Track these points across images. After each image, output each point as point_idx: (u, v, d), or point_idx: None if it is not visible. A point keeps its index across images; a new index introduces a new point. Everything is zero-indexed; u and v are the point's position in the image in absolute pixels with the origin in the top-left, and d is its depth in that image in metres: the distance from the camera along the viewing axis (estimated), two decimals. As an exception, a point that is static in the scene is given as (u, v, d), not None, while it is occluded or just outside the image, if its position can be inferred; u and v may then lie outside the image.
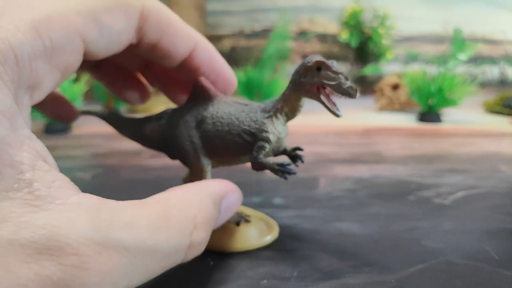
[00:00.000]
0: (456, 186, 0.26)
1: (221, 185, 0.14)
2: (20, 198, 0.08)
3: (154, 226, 0.10)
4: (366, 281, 0.14)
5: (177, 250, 0.10)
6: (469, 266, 0.15)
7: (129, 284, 0.09)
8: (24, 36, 0.09)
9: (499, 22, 1.04)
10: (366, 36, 0.97)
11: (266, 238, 0.17)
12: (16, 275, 0.07)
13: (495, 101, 0.66)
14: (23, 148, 0.09)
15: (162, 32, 0.14)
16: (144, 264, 0.09)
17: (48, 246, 0.08)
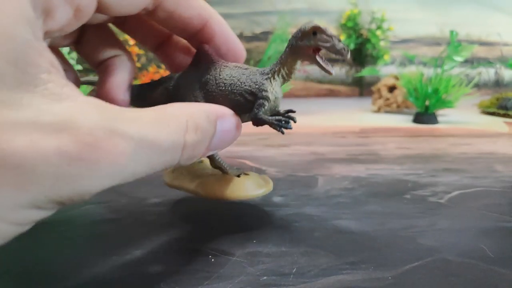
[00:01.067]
0: (452, 185, 0.26)
1: (216, 107, 0.15)
2: (38, 92, 0.09)
3: (154, 123, 0.11)
4: (363, 277, 0.14)
5: (174, 146, 0.12)
6: (465, 263, 0.15)
7: (134, 171, 0.11)
8: None
9: (495, 25, 1.05)
10: (364, 38, 0.98)
11: (262, 190, 0.19)
12: (41, 148, 0.09)
13: (491, 102, 0.67)
14: (42, 55, 0.10)
15: (178, 2, 0.14)
16: (147, 155, 0.11)
17: (66, 127, 0.09)
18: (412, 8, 1.04)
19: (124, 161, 0.10)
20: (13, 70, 0.09)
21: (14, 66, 0.09)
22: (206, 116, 0.13)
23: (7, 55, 0.09)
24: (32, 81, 0.09)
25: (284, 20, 0.82)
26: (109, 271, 0.15)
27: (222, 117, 0.14)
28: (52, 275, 0.15)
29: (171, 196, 0.23)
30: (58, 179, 0.09)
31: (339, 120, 0.59)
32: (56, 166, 0.09)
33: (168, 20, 0.15)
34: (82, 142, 0.09)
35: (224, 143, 0.15)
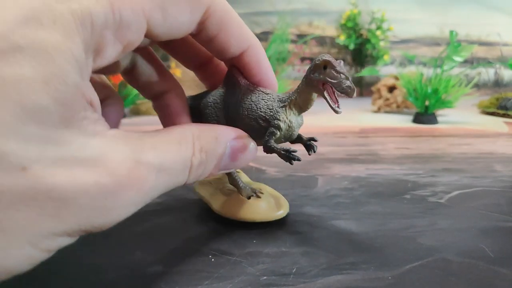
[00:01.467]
0: (451, 185, 0.26)
1: (229, 129, 0.15)
2: (76, 128, 0.10)
3: (169, 146, 0.12)
4: (363, 277, 0.14)
5: (183, 169, 0.13)
6: (465, 263, 0.15)
7: (154, 195, 0.12)
8: (101, 8, 0.11)
9: (495, 25, 1.05)
10: (364, 38, 0.98)
11: (279, 212, 0.19)
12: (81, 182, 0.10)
13: (490, 102, 0.67)
14: (85, 93, 0.11)
15: (221, 28, 0.15)
16: (164, 180, 0.12)
17: (102, 161, 0.10)
18: (412, 8, 1.04)
19: (147, 189, 0.11)
20: (59, 109, 0.10)
21: (63, 106, 0.10)
22: (215, 138, 0.14)
23: (57, 96, 0.10)
24: (72, 118, 0.10)
25: (284, 20, 0.82)
26: (109, 271, 0.15)
27: (234, 138, 0.15)
28: (52, 275, 0.15)
29: (171, 197, 0.23)
30: (94, 210, 0.10)
31: (339, 120, 0.59)
32: (94, 199, 0.10)
33: (208, 43, 0.16)
34: (116, 175, 0.11)
35: (236, 164, 0.15)
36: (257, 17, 1.01)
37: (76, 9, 0.10)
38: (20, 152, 0.09)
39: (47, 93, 0.09)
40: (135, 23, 0.12)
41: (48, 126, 0.10)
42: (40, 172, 0.09)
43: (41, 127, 0.09)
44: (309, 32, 1.03)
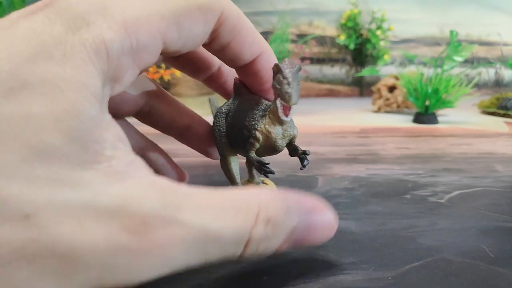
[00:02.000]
0: (452, 185, 0.26)
1: (305, 198, 0.13)
2: (100, 170, 0.09)
3: (221, 212, 0.10)
4: (363, 277, 0.14)
5: (237, 240, 0.10)
6: (465, 263, 0.15)
7: (188, 263, 0.10)
8: (115, 34, 0.10)
9: (495, 24, 1.05)
10: (364, 38, 0.98)
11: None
12: (90, 235, 0.08)
13: (491, 102, 0.67)
14: (108, 129, 0.10)
15: (234, 36, 0.14)
16: (204, 247, 0.10)
17: (119, 213, 0.09)
18: (412, 8, 1.04)
19: (177, 253, 0.09)
20: (76, 148, 0.09)
21: (78, 144, 0.09)
22: (286, 207, 0.11)
23: (70, 133, 0.08)
24: (95, 159, 0.09)
25: (284, 20, 0.82)
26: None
27: (310, 211, 0.12)
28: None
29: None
30: (105, 269, 0.09)
31: (339, 120, 0.58)
32: (104, 256, 0.08)
33: (221, 51, 0.15)
34: (134, 230, 0.09)
35: (314, 240, 0.13)
36: (257, 17, 1.01)
37: (87, 39, 0.09)
38: (24, 197, 0.08)
39: (59, 131, 0.08)
40: (151, 45, 0.11)
41: (60, 167, 0.08)
42: (45, 221, 0.08)
43: (51, 168, 0.08)
44: (309, 32, 1.03)
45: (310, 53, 1.04)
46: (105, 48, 0.10)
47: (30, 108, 0.08)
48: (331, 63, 1.06)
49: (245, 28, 0.14)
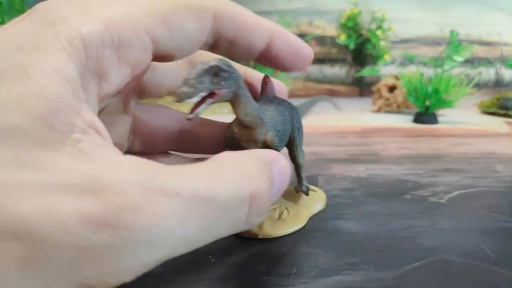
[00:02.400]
0: (452, 185, 0.26)
1: (268, 151, 0.13)
2: (66, 151, 0.08)
3: (207, 176, 0.09)
4: (363, 278, 0.14)
5: (238, 199, 0.09)
6: (465, 264, 0.15)
7: (188, 234, 0.09)
8: (93, 27, 0.10)
9: (495, 24, 1.05)
10: (364, 38, 0.98)
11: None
12: (56, 212, 0.07)
13: (491, 102, 0.67)
14: (80, 114, 0.09)
15: (238, 30, 0.14)
16: (202, 214, 0.09)
17: (90, 188, 0.08)
18: (412, 8, 1.04)
19: (169, 223, 0.08)
20: (40, 127, 0.08)
21: (42, 123, 0.08)
22: (263, 162, 0.11)
23: (34, 112, 0.08)
24: (60, 140, 0.08)
25: (284, 20, 0.82)
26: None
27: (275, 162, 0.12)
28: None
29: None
30: (81, 252, 0.07)
31: (339, 120, 0.58)
32: (76, 235, 0.07)
33: (230, 49, 0.14)
34: (109, 203, 0.08)
35: (281, 189, 0.13)
36: (257, 17, 1.01)
37: (62, 31, 0.09)
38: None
39: (22, 111, 0.08)
40: (136, 40, 0.11)
41: (22, 147, 0.08)
42: (3, 200, 0.07)
43: (12, 148, 0.08)
44: (309, 31, 1.03)
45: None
46: (81, 39, 0.10)
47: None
48: (331, 63, 1.06)
49: (246, 17, 0.14)
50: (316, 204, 0.21)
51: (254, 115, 0.15)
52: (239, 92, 0.14)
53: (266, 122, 0.15)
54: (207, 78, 0.12)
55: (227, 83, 0.13)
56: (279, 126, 0.16)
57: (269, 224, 0.18)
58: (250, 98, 0.15)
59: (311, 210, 0.20)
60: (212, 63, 0.13)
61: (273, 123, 0.16)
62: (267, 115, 0.16)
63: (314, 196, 0.21)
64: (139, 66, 0.12)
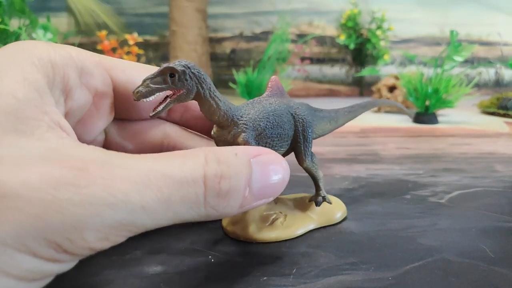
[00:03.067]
0: (452, 185, 0.26)
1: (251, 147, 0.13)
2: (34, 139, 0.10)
3: (163, 158, 0.10)
4: (363, 278, 0.14)
5: (192, 179, 0.10)
6: (465, 264, 0.15)
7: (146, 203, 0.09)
8: (60, 53, 0.13)
9: (495, 24, 1.05)
10: (364, 38, 0.98)
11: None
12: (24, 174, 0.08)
13: (491, 102, 0.67)
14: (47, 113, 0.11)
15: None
16: (157, 186, 0.09)
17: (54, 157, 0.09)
18: (413, 8, 1.04)
19: (126, 190, 0.09)
20: (9, 118, 0.09)
21: (13, 117, 0.10)
22: (233, 154, 0.12)
23: (6, 107, 0.10)
24: (30, 131, 0.10)
25: (284, 20, 0.82)
26: (109, 271, 0.15)
27: (258, 156, 0.12)
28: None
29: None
30: (46, 206, 0.08)
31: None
32: (40, 191, 0.08)
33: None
34: (70, 167, 0.09)
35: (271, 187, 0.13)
36: (257, 17, 1.01)
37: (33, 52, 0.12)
38: None
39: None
40: (97, 71, 0.14)
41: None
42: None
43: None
44: (309, 31, 1.03)
45: (310, 53, 1.04)
46: (49, 59, 0.12)
47: None
48: (331, 63, 1.06)
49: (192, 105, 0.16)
50: (329, 217, 0.19)
51: (223, 116, 0.15)
52: (202, 92, 0.14)
53: (240, 123, 0.15)
54: (163, 79, 0.13)
55: (185, 83, 0.13)
56: (266, 128, 0.16)
57: (256, 227, 0.17)
58: (218, 99, 0.15)
59: (317, 222, 0.18)
60: (166, 64, 0.13)
61: (253, 124, 0.15)
62: (246, 117, 0.15)
63: (329, 208, 0.19)
64: (101, 95, 0.14)
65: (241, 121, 0.15)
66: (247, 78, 0.70)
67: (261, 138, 0.16)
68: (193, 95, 0.14)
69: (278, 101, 0.17)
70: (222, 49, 1.04)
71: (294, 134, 0.17)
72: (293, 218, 0.18)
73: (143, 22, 1.03)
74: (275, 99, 0.17)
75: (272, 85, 0.18)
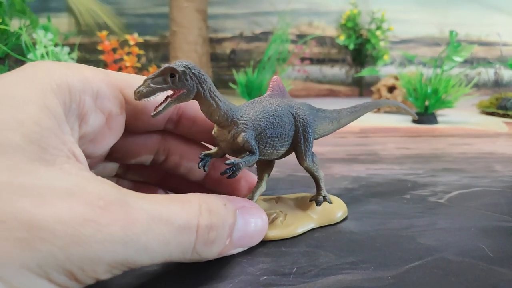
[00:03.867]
0: (451, 185, 0.26)
1: (237, 198, 0.15)
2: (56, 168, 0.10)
3: (167, 202, 0.12)
4: (363, 277, 0.14)
5: (188, 227, 0.12)
6: (464, 263, 0.15)
7: (148, 246, 0.11)
8: (77, 77, 0.13)
9: (494, 25, 1.05)
10: (364, 38, 0.98)
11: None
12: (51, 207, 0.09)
13: (490, 102, 0.67)
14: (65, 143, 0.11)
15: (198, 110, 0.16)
16: (161, 231, 0.11)
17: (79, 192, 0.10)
18: (412, 8, 1.04)
19: (137, 230, 0.10)
20: (35, 148, 0.10)
21: (36, 145, 0.10)
22: (222, 204, 0.14)
23: (30, 135, 0.10)
24: (51, 160, 0.10)
25: (284, 20, 0.82)
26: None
27: (242, 208, 0.14)
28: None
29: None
30: (70, 239, 0.09)
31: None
32: (69, 226, 0.09)
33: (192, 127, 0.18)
34: (93, 204, 0.10)
35: (250, 238, 0.15)
36: (257, 17, 1.01)
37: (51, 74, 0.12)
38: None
39: (21, 133, 0.10)
40: (112, 94, 0.14)
41: (21, 160, 0.10)
42: (7, 196, 0.09)
43: (12, 159, 0.09)
44: (309, 32, 1.04)
45: (310, 54, 1.04)
46: (67, 85, 0.12)
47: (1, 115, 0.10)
48: (331, 63, 1.06)
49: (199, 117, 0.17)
50: (330, 216, 0.19)
51: (223, 115, 0.15)
52: (202, 92, 0.14)
53: (240, 123, 0.15)
54: (163, 79, 0.13)
55: (185, 83, 0.14)
56: (266, 128, 0.16)
57: None
58: (218, 99, 0.15)
59: (317, 221, 0.19)
60: (167, 65, 0.14)
61: (252, 124, 0.16)
62: (246, 116, 0.16)
63: (329, 208, 0.19)
64: (113, 117, 0.15)
65: (241, 121, 0.15)
66: (247, 79, 0.70)
67: (261, 138, 0.16)
68: (194, 95, 0.14)
69: (279, 101, 0.17)
70: (222, 49, 1.04)
71: (295, 134, 0.17)
72: (294, 217, 0.18)
73: (143, 22, 1.04)
74: (276, 99, 0.17)
75: (274, 85, 0.18)
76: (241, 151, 0.16)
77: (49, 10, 0.97)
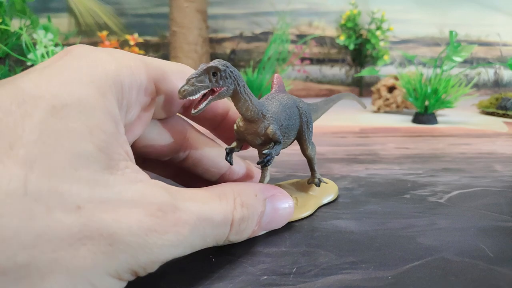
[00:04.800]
0: (451, 185, 0.26)
1: (268, 186, 0.17)
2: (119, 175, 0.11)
3: (208, 200, 0.13)
4: (363, 277, 0.14)
5: (224, 222, 0.13)
6: (464, 263, 0.15)
7: (192, 243, 0.12)
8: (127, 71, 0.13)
9: (494, 25, 1.05)
10: (363, 38, 0.98)
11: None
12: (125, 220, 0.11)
13: (490, 102, 0.67)
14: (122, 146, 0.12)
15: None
16: (203, 228, 0.13)
17: (142, 203, 0.11)
18: (412, 9, 1.04)
19: (186, 232, 0.12)
20: (103, 156, 0.11)
21: (104, 153, 0.11)
22: (254, 195, 0.15)
23: (99, 144, 0.11)
24: (115, 166, 0.11)
25: (284, 20, 0.82)
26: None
27: (272, 197, 0.16)
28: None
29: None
30: (141, 247, 0.11)
31: (339, 120, 0.59)
32: (138, 236, 0.11)
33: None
34: (155, 215, 0.11)
35: (277, 222, 0.17)
36: (257, 17, 1.01)
37: (109, 70, 0.12)
38: (73, 192, 0.10)
39: (92, 142, 0.11)
40: (149, 86, 0.15)
41: (94, 170, 0.11)
42: (91, 211, 0.10)
43: (88, 170, 0.10)
44: (309, 32, 1.04)
45: (310, 54, 1.04)
46: (120, 81, 0.13)
47: (70, 123, 0.11)
48: (331, 64, 1.06)
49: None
50: (327, 195, 0.22)
51: (255, 110, 0.16)
52: (238, 89, 0.15)
53: (268, 116, 0.17)
54: (206, 77, 0.14)
55: (225, 81, 0.15)
56: (284, 120, 0.18)
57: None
58: (250, 95, 0.16)
59: (321, 200, 0.22)
60: (210, 64, 0.14)
61: (276, 117, 0.17)
62: (270, 110, 0.17)
63: (325, 187, 0.22)
64: (147, 108, 0.15)
65: (268, 114, 0.17)
66: (247, 79, 0.70)
67: (281, 130, 0.18)
68: (232, 92, 0.15)
69: (286, 96, 0.19)
70: (222, 49, 1.04)
71: (300, 125, 0.19)
72: (303, 199, 0.21)
73: (143, 22, 1.04)
74: (283, 94, 0.19)
75: (278, 82, 0.19)
76: (266, 143, 0.17)
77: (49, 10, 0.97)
